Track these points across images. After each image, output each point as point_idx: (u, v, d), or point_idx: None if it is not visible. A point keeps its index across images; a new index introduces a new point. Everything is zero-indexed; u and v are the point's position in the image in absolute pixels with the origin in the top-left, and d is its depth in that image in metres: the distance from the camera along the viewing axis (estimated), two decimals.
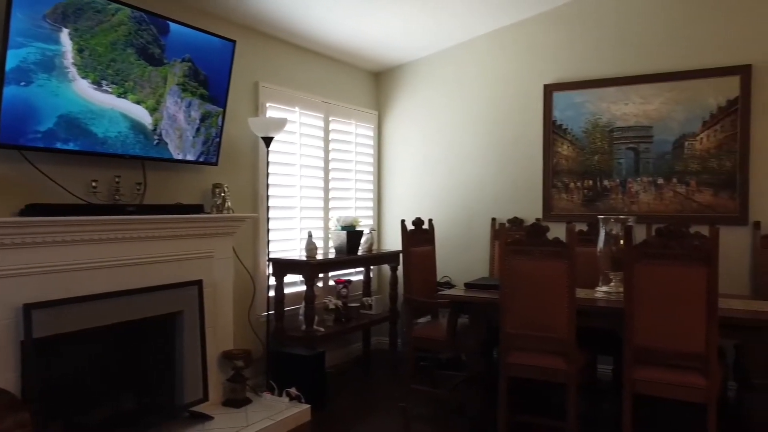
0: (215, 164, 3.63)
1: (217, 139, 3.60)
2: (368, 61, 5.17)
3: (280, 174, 4.32)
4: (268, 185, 3.98)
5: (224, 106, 3.59)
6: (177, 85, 3.28)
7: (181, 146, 3.39)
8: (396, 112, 5.40)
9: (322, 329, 4.20)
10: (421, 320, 4.47)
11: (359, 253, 4.67)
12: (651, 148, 4.33)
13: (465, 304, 3.55)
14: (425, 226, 4.21)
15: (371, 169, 5.39)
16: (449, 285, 4.92)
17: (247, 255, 4.06)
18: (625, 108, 4.40)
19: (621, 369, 3.06)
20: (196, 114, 3.43)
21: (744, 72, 4.03)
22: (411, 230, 4.02)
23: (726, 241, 2.80)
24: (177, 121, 3.33)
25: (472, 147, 5.01)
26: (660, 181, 4.31)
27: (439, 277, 4.94)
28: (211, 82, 3.49)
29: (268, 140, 3.90)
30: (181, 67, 3.29)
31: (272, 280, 4.14)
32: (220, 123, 3.59)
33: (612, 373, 3.89)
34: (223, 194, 3.63)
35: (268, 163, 3.96)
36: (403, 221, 3.98)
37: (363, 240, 4.73)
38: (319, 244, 4.72)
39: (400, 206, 5.34)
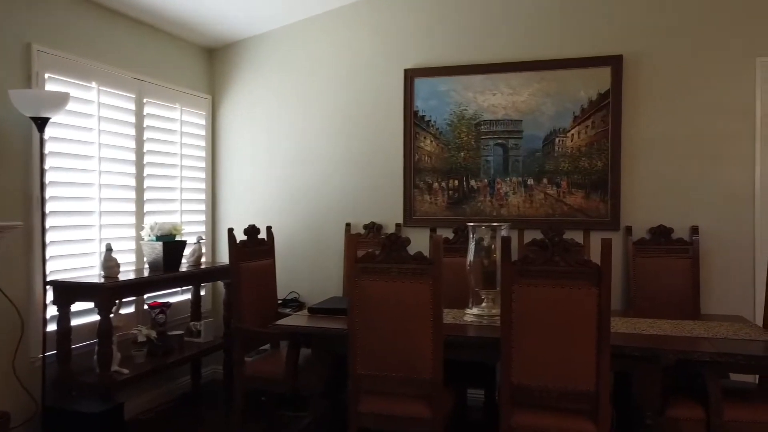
0: None
1: None
2: (199, 34, 4.23)
3: (67, 169, 3.27)
4: (43, 184, 2.95)
5: None
6: None
7: None
8: (234, 97, 4.51)
9: (125, 371, 3.22)
10: (263, 347, 3.68)
11: (183, 268, 3.74)
12: (520, 145, 3.87)
13: (306, 335, 2.80)
14: (262, 235, 3.41)
15: (203, 164, 4.45)
16: (297, 303, 4.15)
17: (15, 278, 2.99)
18: (493, 99, 3.91)
19: (493, 405, 2.50)
20: None
21: (615, 63, 3.69)
22: (242, 241, 3.20)
23: (598, 248, 2.34)
24: None
25: (325, 139, 4.27)
26: (530, 181, 3.87)
27: (285, 294, 4.18)
28: None
29: (41, 122, 2.89)
30: None
31: (53, 311, 3.11)
32: None
33: (483, 406, 3.34)
34: None
35: (42, 154, 2.93)
36: (230, 230, 3.15)
37: (188, 252, 3.81)
38: (131, 258, 3.73)
39: (239, 210, 4.46)
